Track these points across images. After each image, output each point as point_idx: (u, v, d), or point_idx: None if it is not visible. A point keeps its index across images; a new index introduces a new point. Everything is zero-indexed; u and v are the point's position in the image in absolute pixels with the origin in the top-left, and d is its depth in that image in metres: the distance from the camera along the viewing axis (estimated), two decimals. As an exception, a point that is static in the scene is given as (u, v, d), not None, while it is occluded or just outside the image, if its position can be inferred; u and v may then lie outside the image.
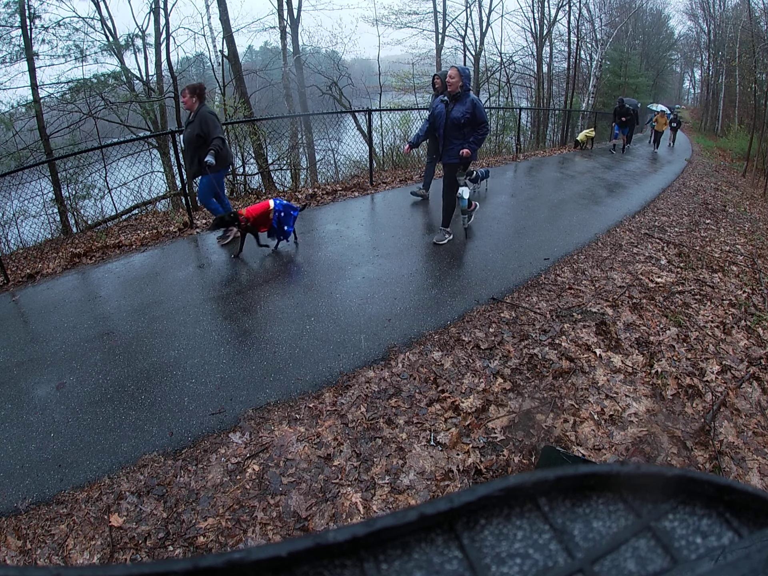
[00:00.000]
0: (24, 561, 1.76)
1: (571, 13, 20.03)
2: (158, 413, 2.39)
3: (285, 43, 13.27)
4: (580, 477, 0.31)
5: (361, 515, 1.85)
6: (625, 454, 2.14)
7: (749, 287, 4.11)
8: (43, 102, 9.17)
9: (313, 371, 2.68)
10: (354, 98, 16.21)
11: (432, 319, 3.19)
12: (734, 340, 3.18)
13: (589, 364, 2.76)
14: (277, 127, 8.96)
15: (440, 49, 18.15)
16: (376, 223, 5.52)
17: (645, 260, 4.41)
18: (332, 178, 9.43)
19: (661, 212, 6.27)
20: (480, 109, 3.93)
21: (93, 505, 1.92)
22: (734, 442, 2.25)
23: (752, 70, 16.69)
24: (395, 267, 4.01)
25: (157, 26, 11.07)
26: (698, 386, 2.63)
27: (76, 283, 4.10)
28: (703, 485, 0.32)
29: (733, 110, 24.71)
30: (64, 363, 2.85)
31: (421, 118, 11.75)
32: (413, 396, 2.49)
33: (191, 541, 1.77)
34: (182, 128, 4.68)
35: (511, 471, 2.06)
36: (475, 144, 4.04)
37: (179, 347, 2.95)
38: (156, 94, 10.82)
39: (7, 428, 2.34)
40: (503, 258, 4.23)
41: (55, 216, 7.28)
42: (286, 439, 2.21)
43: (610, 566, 0.27)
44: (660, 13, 30.38)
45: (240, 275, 3.98)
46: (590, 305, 3.41)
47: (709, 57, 27.95)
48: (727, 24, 23.30)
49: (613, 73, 23.89)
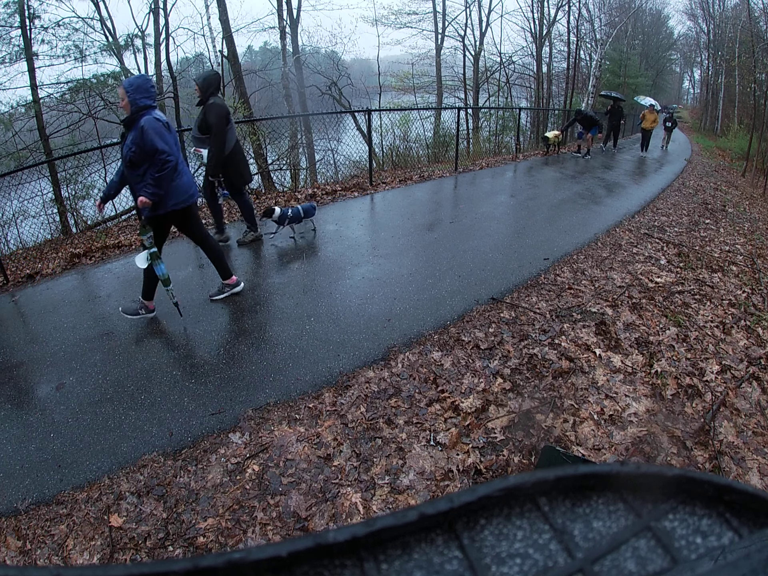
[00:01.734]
0: (24, 561, 1.76)
1: (570, 13, 20.08)
2: (158, 413, 2.39)
3: (284, 43, 13.28)
4: (580, 477, 0.31)
5: (361, 515, 1.85)
6: (625, 454, 2.14)
7: (749, 287, 4.11)
8: (43, 102, 9.18)
9: (312, 371, 2.68)
10: (353, 98, 16.22)
11: (432, 319, 3.19)
12: (734, 339, 3.18)
13: (589, 364, 2.76)
14: (276, 127, 8.95)
15: (440, 49, 18.17)
16: (375, 223, 5.52)
17: (645, 260, 4.41)
18: (332, 178, 9.43)
19: (661, 212, 6.28)
20: (149, 133, 2.67)
21: (93, 506, 1.92)
22: (734, 442, 2.25)
23: (752, 70, 16.69)
24: (395, 267, 4.01)
25: (157, 26, 11.08)
26: (698, 386, 2.63)
27: (75, 284, 4.10)
28: (703, 485, 0.32)
29: (733, 110, 24.73)
30: (64, 363, 2.85)
31: (420, 118, 11.78)
32: (413, 396, 2.49)
33: (191, 541, 1.77)
34: (182, 128, 4.70)
35: (511, 471, 2.06)
36: (154, 185, 2.74)
37: (179, 347, 2.95)
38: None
39: (7, 428, 2.34)
40: (503, 258, 4.23)
41: (54, 216, 7.27)
42: (285, 439, 2.21)
43: (610, 566, 0.27)
44: (659, 13, 30.43)
45: (239, 275, 3.97)
46: (590, 305, 3.41)
47: (708, 57, 27.97)
48: (726, 24, 23.32)
49: (612, 73, 23.92)
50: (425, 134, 11.44)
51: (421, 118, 11.89)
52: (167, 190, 2.83)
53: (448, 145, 11.64)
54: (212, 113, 3.81)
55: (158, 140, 2.69)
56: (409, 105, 16.58)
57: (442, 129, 12.26)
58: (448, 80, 19.10)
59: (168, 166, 2.73)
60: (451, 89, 19.37)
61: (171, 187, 2.85)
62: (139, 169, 2.78)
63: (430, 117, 13.77)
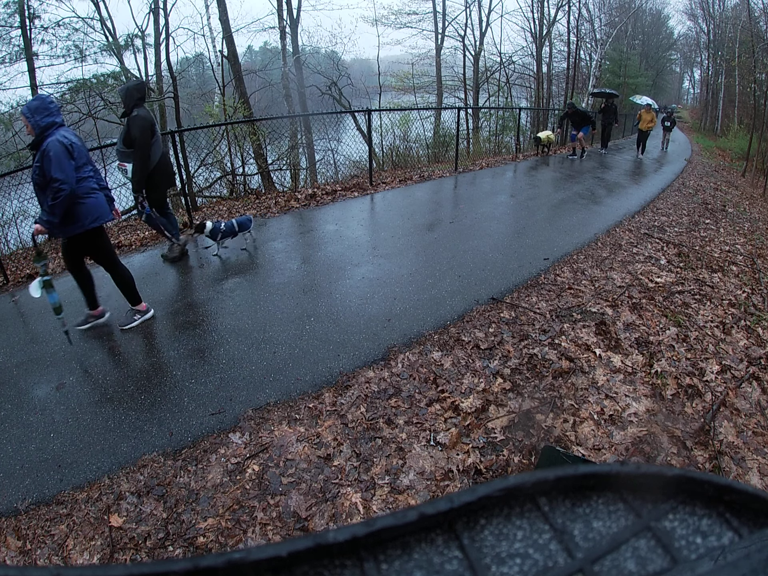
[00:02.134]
0: (24, 561, 1.76)
1: (570, 13, 20.08)
2: (158, 413, 2.39)
3: (284, 43, 13.28)
4: (580, 477, 0.31)
5: (361, 515, 1.85)
6: (625, 454, 2.14)
7: (749, 287, 4.11)
8: (43, 102, 9.16)
9: (312, 371, 2.68)
10: (353, 98, 16.22)
11: (431, 319, 3.19)
12: (734, 339, 3.18)
13: (589, 364, 2.76)
14: (276, 128, 8.96)
15: (440, 49, 18.17)
16: (375, 223, 5.52)
17: (645, 260, 4.41)
18: (332, 178, 9.44)
19: (661, 212, 6.28)
20: (48, 158, 2.56)
21: (93, 506, 1.92)
22: (734, 442, 2.25)
23: (752, 70, 16.68)
24: (395, 267, 4.01)
25: (157, 26, 11.08)
26: (698, 386, 2.63)
27: (75, 284, 4.09)
28: (703, 485, 0.32)
29: (733, 110, 24.74)
30: (64, 363, 2.85)
31: (420, 118, 11.79)
32: (413, 396, 2.49)
33: (191, 541, 1.77)
34: (182, 128, 4.65)
35: (511, 471, 2.06)
36: (48, 213, 2.62)
37: (179, 347, 2.95)
38: (156, 94, 10.81)
39: (7, 428, 2.34)
40: (503, 258, 4.23)
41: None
42: (285, 439, 2.21)
43: (610, 566, 0.27)
44: (659, 13, 30.46)
45: (240, 275, 3.98)
46: (590, 305, 3.41)
47: (708, 57, 27.98)
48: (726, 24, 23.33)
49: (612, 73, 23.92)
50: (425, 134, 11.45)
51: (421, 118, 11.90)
52: (67, 216, 2.71)
53: (448, 145, 11.65)
54: (135, 126, 3.60)
55: (54, 167, 2.57)
56: (409, 105, 16.59)
57: (442, 129, 12.27)
58: (448, 80, 19.10)
59: (60, 195, 2.59)
60: (451, 89, 19.38)
61: (73, 212, 2.73)
62: (45, 193, 2.66)
63: (430, 117, 13.79)
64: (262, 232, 5.12)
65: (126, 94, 3.66)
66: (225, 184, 8.99)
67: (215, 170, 9.01)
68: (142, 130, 3.63)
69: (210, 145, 8.85)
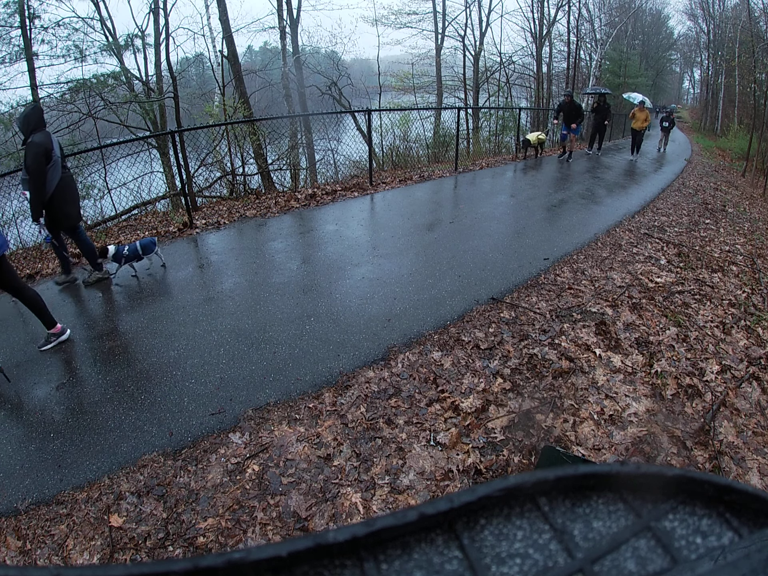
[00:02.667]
0: (24, 561, 1.75)
1: (570, 13, 20.10)
2: (158, 413, 2.39)
3: (284, 43, 13.28)
4: (580, 477, 0.31)
5: (361, 515, 1.85)
6: (625, 454, 2.14)
7: (749, 287, 4.11)
8: (43, 102, 9.16)
9: (312, 371, 2.68)
10: (354, 98, 16.22)
11: (431, 319, 3.19)
12: (734, 339, 3.18)
13: (589, 364, 2.76)
14: (276, 127, 8.96)
15: (440, 49, 18.18)
16: (375, 223, 5.52)
17: (644, 260, 4.41)
18: (332, 178, 9.43)
19: (661, 212, 6.28)
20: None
21: (93, 506, 1.91)
22: (734, 442, 2.25)
23: (752, 70, 16.69)
24: (395, 267, 4.01)
25: (157, 26, 11.08)
26: (698, 386, 2.63)
27: (74, 284, 4.09)
28: (703, 485, 0.32)
29: (733, 110, 24.73)
30: (64, 363, 2.85)
31: (420, 118, 11.78)
32: (413, 396, 2.49)
33: (191, 541, 1.77)
34: (182, 128, 4.60)
35: (511, 471, 2.06)
36: None
37: (179, 347, 2.95)
38: (156, 94, 10.82)
39: (7, 428, 2.34)
40: (503, 258, 4.23)
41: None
42: (285, 439, 2.21)
43: (610, 566, 0.27)
44: (659, 13, 30.48)
45: (240, 275, 3.98)
46: (590, 305, 3.41)
47: (708, 57, 27.99)
48: (726, 24, 23.34)
49: (612, 73, 23.92)
50: (425, 134, 11.44)
51: (421, 118, 11.90)
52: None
53: (448, 145, 11.64)
54: (29, 153, 3.45)
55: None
56: (409, 105, 16.59)
57: (442, 129, 12.26)
58: (448, 80, 19.11)
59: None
60: (451, 89, 19.39)
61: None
62: None
63: (430, 117, 13.79)
64: (262, 232, 5.13)
65: (22, 121, 3.52)
66: (225, 184, 8.99)
67: (215, 170, 9.01)
68: (35, 157, 3.46)
69: (210, 145, 8.85)
